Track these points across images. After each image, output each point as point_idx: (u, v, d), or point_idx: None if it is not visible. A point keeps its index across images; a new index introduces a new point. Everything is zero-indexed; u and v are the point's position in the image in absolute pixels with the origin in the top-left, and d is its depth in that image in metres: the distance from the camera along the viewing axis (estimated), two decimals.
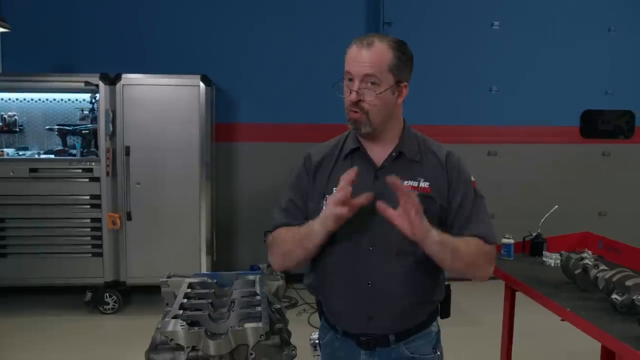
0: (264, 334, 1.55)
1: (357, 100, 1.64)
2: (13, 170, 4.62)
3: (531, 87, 5.71)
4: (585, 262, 2.42)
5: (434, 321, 1.81)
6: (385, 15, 5.56)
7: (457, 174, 1.72)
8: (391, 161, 1.72)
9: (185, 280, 2.02)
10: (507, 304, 2.87)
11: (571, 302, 2.25)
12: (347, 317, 1.74)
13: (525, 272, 2.69)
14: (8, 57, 5.26)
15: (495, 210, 5.67)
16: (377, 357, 1.73)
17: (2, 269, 4.67)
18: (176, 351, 1.56)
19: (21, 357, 3.97)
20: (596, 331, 1.99)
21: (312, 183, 1.77)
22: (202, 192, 4.84)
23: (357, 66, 1.63)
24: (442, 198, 1.69)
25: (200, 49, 5.43)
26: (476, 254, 1.66)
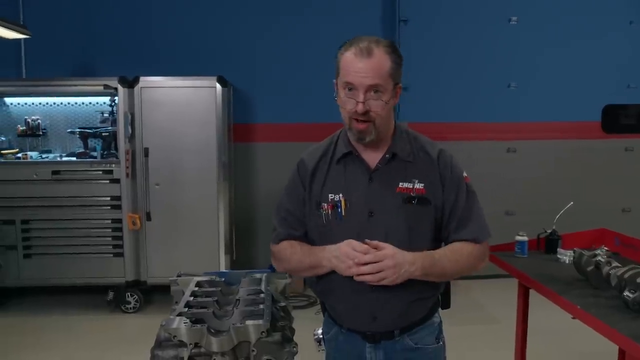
0: (265, 331, 1.56)
1: (364, 111, 1.62)
2: (36, 172, 4.73)
3: (550, 82, 5.63)
4: (598, 259, 2.39)
5: (435, 312, 1.85)
6: (401, 12, 5.55)
7: (450, 172, 1.73)
8: (385, 163, 1.73)
9: (194, 278, 2.05)
10: (521, 301, 2.85)
11: (582, 299, 2.23)
12: (352, 318, 1.78)
13: (539, 270, 2.67)
14: (30, 63, 5.38)
15: (514, 208, 5.68)
16: (382, 349, 1.77)
17: (26, 269, 4.80)
18: (179, 348, 1.58)
19: (45, 355, 4.06)
20: (606, 329, 1.97)
21: (309, 190, 1.78)
22: (220, 193, 4.89)
23: (361, 77, 1.60)
24: (436, 198, 1.71)
25: (217, 50, 5.48)
26: (465, 262, 1.73)
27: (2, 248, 4.75)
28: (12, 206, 4.75)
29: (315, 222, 1.77)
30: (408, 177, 1.70)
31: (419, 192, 1.69)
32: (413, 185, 1.69)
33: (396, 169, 1.72)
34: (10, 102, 5.23)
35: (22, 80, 5.23)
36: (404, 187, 1.69)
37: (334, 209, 1.72)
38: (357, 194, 1.71)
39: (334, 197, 1.72)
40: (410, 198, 1.69)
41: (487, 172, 5.63)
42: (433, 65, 5.59)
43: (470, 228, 1.72)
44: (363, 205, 1.70)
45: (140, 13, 5.47)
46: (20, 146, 5.16)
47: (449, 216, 1.73)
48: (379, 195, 1.70)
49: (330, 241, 1.71)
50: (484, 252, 1.77)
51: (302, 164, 1.82)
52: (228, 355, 1.58)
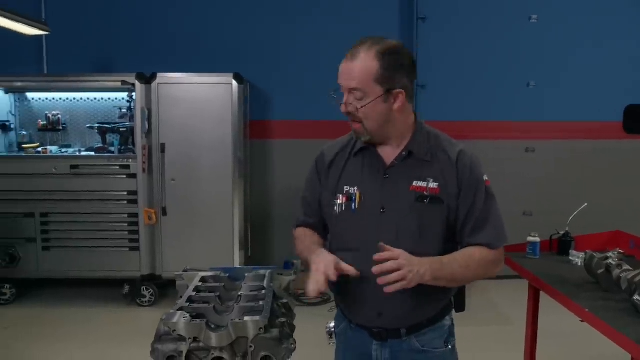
0: (262, 327, 1.57)
1: (347, 112, 1.69)
2: (55, 167, 4.81)
3: (571, 82, 5.52)
4: (609, 261, 2.35)
5: (447, 315, 1.82)
6: (419, 10, 5.50)
7: (469, 175, 1.71)
8: (400, 160, 1.73)
9: (199, 274, 2.06)
10: (531, 303, 2.82)
11: (591, 302, 2.20)
12: (358, 312, 1.80)
13: (549, 271, 2.63)
14: (52, 59, 5.47)
15: (532, 208, 5.60)
16: (389, 347, 1.77)
17: (45, 261, 4.88)
18: (178, 342, 1.60)
19: (62, 346, 4.14)
20: (613, 332, 1.94)
21: (325, 180, 1.84)
22: (235, 189, 4.92)
23: (343, 80, 1.67)
24: (450, 198, 1.69)
25: (234, 47, 5.50)
26: (477, 268, 1.70)
27: (22, 240, 4.85)
28: (32, 199, 4.83)
29: (330, 212, 1.80)
30: (423, 176, 1.70)
31: (432, 192, 1.68)
32: (427, 185, 1.69)
33: (412, 167, 1.72)
34: (32, 97, 5.33)
35: (43, 76, 5.32)
36: (417, 186, 1.69)
37: (349, 201, 1.75)
38: (372, 189, 1.73)
39: (350, 189, 1.76)
40: (423, 197, 1.68)
41: (504, 172, 5.55)
42: (451, 63, 5.55)
43: (486, 232, 1.70)
44: (376, 200, 1.72)
45: (158, 10, 5.52)
46: (41, 140, 5.25)
47: (464, 219, 1.71)
48: (393, 192, 1.71)
49: (342, 231, 1.78)
50: (498, 258, 1.74)
51: (321, 157, 1.88)
52: (226, 350, 1.59)
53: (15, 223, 4.83)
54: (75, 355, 4.00)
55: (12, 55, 5.39)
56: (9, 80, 5.03)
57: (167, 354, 1.61)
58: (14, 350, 4.03)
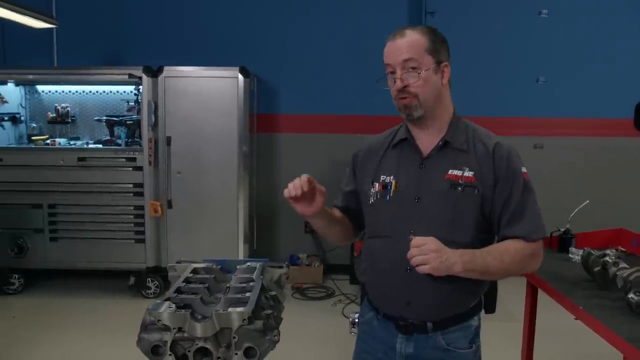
0: (246, 319, 1.58)
1: (403, 86, 1.68)
2: (63, 159, 4.87)
3: (581, 77, 5.45)
4: (606, 259, 2.32)
5: (475, 315, 1.80)
6: (428, 4, 5.46)
7: (506, 166, 1.69)
8: (437, 150, 1.74)
9: (191, 265, 2.08)
10: (529, 300, 2.80)
11: (586, 300, 2.18)
12: (387, 301, 1.80)
13: (547, 268, 2.59)
14: (61, 52, 5.53)
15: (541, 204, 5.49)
16: (414, 342, 1.76)
17: (53, 252, 4.95)
18: (163, 331, 1.61)
19: (69, 336, 4.19)
20: (605, 330, 1.92)
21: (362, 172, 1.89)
22: (240, 182, 4.94)
23: (394, 55, 1.69)
24: (485, 188, 1.68)
25: (242, 41, 5.52)
26: (512, 261, 1.66)
27: (30, 231, 4.91)
28: (40, 191, 4.89)
29: (366, 201, 1.83)
30: (459, 165, 1.70)
31: (467, 180, 1.68)
32: (462, 173, 1.69)
33: (448, 156, 1.73)
34: (42, 90, 5.39)
35: (53, 69, 5.37)
36: (453, 174, 1.69)
37: (384, 189, 1.77)
38: (408, 179, 1.74)
39: (386, 178, 1.78)
40: (457, 185, 1.68)
41: None
42: (459, 58, 5.44)
43: (522, 224, 1.67)
44: (412, 189, 1.73)
45: (166, 4, 5.56)
46: (50, 133, 5.31)
47: (501, 210, 1.69)
48: (428, 181, 1.72)
49: (376, 220, 1.80)
50: (536, 252, 1.71)
51: (358, 151, 1.94)
52: (210, 340, 1.60)
53: (23, 214, 4.90)
54: (81, 345, 4.05)
55: (23, 48, 5.47)
56: (20, 72, 5.09)
57: (153, 344, 1.63)
58: (21, 340, 4.08)
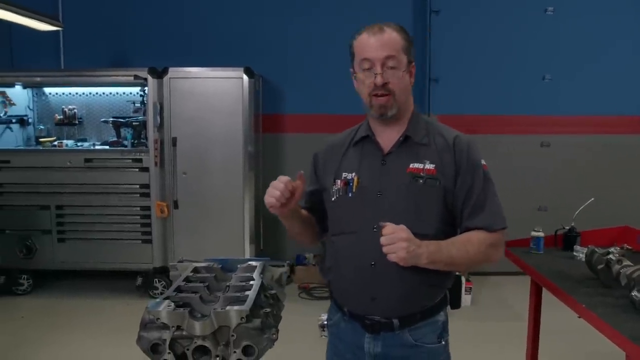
0: (244, 317, 1.58)
1: (383, 83, 1.68)
2: (70, 160, 4.90)
3: (587, 75, 5.41)
4: (610, 257, 2.30)
5: (441, 310, 1.80)
6: (433, 3, 5.45)
7: (466, 158, 1.71)
8: (398, 146, 1.75)
9: (192, 264, 2.09)
10: (533, 299, 2.78)
11: (589, 298, 2.16)
12: (352, 297, 1.79)
13: (551, 267, 2.59)
14: (68, 54, 5.56)
15: (546, 203, 5.51)
16: (381, 341, 1.76)
17: (60, 253, 4.98)
18: (162, 330, 1.62)
19: (75, 336, 4.22)
20: (607, 329, 1.90)
21: (323, 171, 1.89)
22: (246, 182, 4.95)
23: (377, 51, 1.68)
24: (447, 179, 1.70)
25: (246, 41, 5.52)
26: (476, 251, 1.68)
27: (38, 232, 4.95)
28: (48, 192, 4.93)
29: (328, 199, 1.84)
30: (420, 159, 1.71)
31: (429, 173, 1.69)
32: (424, 166, 1.70)
33: (409, 151, 1.74)
34: (49, 92, 5.43)
35: (60, 71, 5.41)
36: (414, 168, 1.70)
37: (346, 186, 1.78)
38: (369, 174, 1.76)
39: (347, 175, 1.78)
40: (419, 177, 1.69)
41: (519, 167, 5.51)
42: (465, 56, 5.49)
43: (483, 215, 1.70)
44: (374, 185, 1.74)
45: (171, 5, 5.57)
46: (58, 135, 5.35)
47: (462, 202, 1.71)
48: (390, 176, 1.73)
49: (339, 217, 1.81)
50: (498, 242, 1.73)
51: (319, 151, 1.95)
52: (209, 339, 1.61)
53: (31, 215, 4.94)
54: (88, 345, 4.08)
55: (30, 51, 5.51)
56: (28, 75, 5.12)
57: (152, 342, 1.64)
58: (29, 340, 4.11)
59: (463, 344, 4.21)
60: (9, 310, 4.70)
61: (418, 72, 5.42)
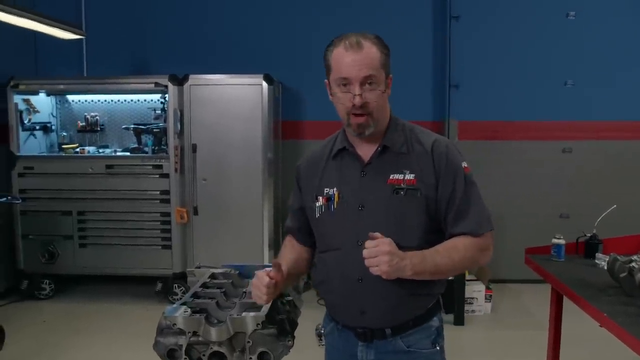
0: (260, 323, 1.59)
1: (363, 103, 1.63)
2: (92, 166, 4.97)
3: (609, 80, 5.32)
4: (632, 265, 2.26)
5: (434, 316, 1.78)
6: (452, 9, 5.42)
7: (445, 163, 1.67)
8: (377, 156, 1.72)
9: (210, 270, 2.10)
10: (553, 307, 2.74)
11: (611, 306, 2.12)
12: (342, 311, 1.78)
13: (572, 275, 2.55)
14: (91, 62, 5.65)
15: (568, 210, 5.43)
16: (374, 348, 1.74)
17: (82, 258, 5.04)
18: (179, 335, 1.63)
19: (96, 341, 4.27)
20: (630, 338, 1.86)
21: (306, 187, 1.84)
22: (265, 189, 4.96)
23: (355, 70, 1.62)
24: (428, 188, 1.67)
25: (266, 48, 5.55)
26: (462, 257, 1.66)
27: (60, 237, 5.02)
28: (70, 198, 5.00)
29: (312, 216, 1.80)
30: (399, 169, 1.68)
31: (409, 183, 1.66)
32: (404, 177, 1.67)
33: (389, 161, 1.70)
34: (72, 99, 5.51)
35: (83, 79, 5.49)
36: (394, 179, 1.67)
37: (328, 202, 1.74)
38: (350, 188, 1.72)
39: (329, 191, 1.75)
40: (399, 189, 1.66)
41: (541, 173, 5.45)
42: (485, 62, 5.45)
43: (468, 220, 1.66)
44: (355, 199, 1.71)
45: (191, 13, 5.63)
46: (80, 141, 5.41)
47: (446, 208, 1.68)
48: (371, 188, 1.70)
49: (324, 233, 1.78)
50: (484, 246, 1.69)
51: (299, 166, 1.91)
52: (225, 345, 1.62)
53: (54, 221, 5.01)
54: (107, 349, 4.12)
55: (54, 59, 5.60)
56: (52, 83, 5.22)
57: (168, 347, 1.65)
58: (50, 344, 4.17)
59: (483, 353, 4.18)
60: (31, 315, 4.77)
61: (438, 78, 5.49)
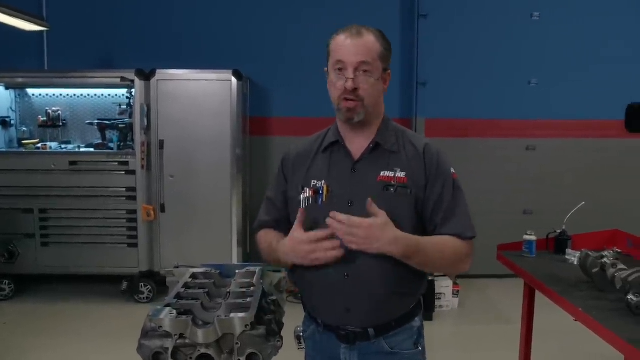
0: (249, 324, 1.56)
1: (354, 88, 1.65)
2: (54, 163, 4.83)
3: (572, 80, 5.48)
4: (604, 260, 2.33)
5: (416, 316, 1.78)
6: (420, 7, 5.48)
7: (436, 166, 1.70)
8: (368, 153, 1.73)
9: (190, 270, 2.06)
10: (526, 302, 2.80)
11: (585, 301, 2.19)
12: (325, 309, 1.77)
13: (544, 270, 2.62)
14: (52, 55, 5.47)
15: (532, 206, 5.57)
16: (357, 350, 1.74)
17: (44, 257, 4.89)
18: (164, 338, 1.59)
19: (60, 341, 4.15)
20: (605, 332, 1.92)
21: (292, 177, 1.82)
22: (234, 185, 4.92)
23: (351, 55, 1.65)
24: (418, 188, 1.67)
25: (235, 44, 5.49)
26: (450, 257, 1.68)
27: (21, 236, 4.86)
28: (31, 195, 4.84)
29: (295, 207, 1.76)
30: (390, 166, 1.69)
31: (400, 181, 1.67)
32: (395, 174, 1.67)
33: (380, 158, 1.71)
34: (32, 93, 5.33)
35: (44, 72, 5.32)
36: (385, 176, 1.68)
37: (316, 194, 1.73)
38: (340, 183, 1.72)
39: (317, 183, 1.74)
40: (390, 186, 1.67)
41: (506, 170, 5.56)
42: (452, 60, 5.53)
43: (455, 222, 1.68)
44: (344, 194, 1.70)
45: (159, 6, 5.52)
46: (41, 137, 5.25)
47: (432, 210, 1.69)
48: (361, 184, 1.69)
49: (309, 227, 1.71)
50: (469, 252, 1.71)
51: (287, 155, 1.87)
52: (212, 347, 1.58)
53: (14, 219, 4.85)
54: (73, 351, 4.01)
55: (13, 51, 5.39)
56: (10, 76, 5.03)
57: (154, 350, 1.60)
58: (13, 346, 4.03)
59: (453, 347, 4.25)
60: None
61: (406, 76, 5.53)
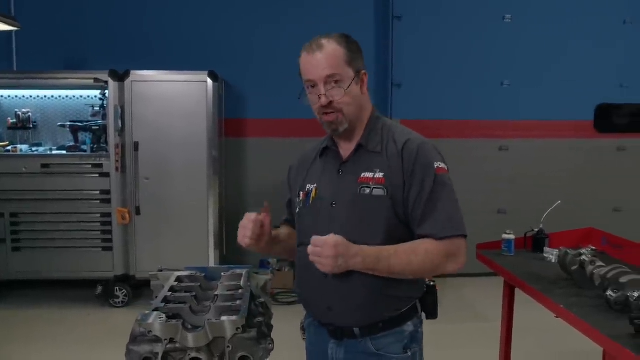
0: (240, 327, 1.55)
1: (328, 102, 1.66)
2: (25, 166, 4.72)
3: (544, 81, 5.60)
4: (583, 258, 2.39)
5: (408, 320, 1.74)
6: (395, 9, 5.52)
7: (414, 161, 1.65)
8: (353, 155, 1.75)
9: (175, 273, 2.04)
10: (506, 300, 2.85)
11: (565, 298, 2.23)
12: (312, 306, 1.83)
13: (524, 268, 2.67)
14: (21, 55, 5.35)
15: (506, 206, 5.67)
16: (344, 347, 1.76)
17: (16, 262, 4.78)
18: (154, 343, 1.57)
19: (34, 348, 4.05)
20: (586, 328, 1.96)
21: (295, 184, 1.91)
22: (210, 187, 4.88)
23: (318, 70, 1.66)
24: (395, 188, 1.65)
25: (209, 45, 5.45)
26: (422, 262, 1.61)
27: None
28: (2, 199, 4.72)
29: (295, 211, 1.87)
30: (372, 167, 1.69)
31: (377, 182, 1.66)
32: (374, 175, 1.68)
33: (363, 160, 1.73)
34: (1, 95, 5.19)
35: (13, 73, 5.20)
36: (364, 177, 1.69)
37: (306, 197, 1.79)
38: (327, 185, 1.76)
39: (310, 187, 1.80)
40: (367, 187, 1.68)
41: (478, 171, 5.64)
42: (427, 61, 5.58)
43: (431, 222, 1.62)
44: (329, 195, 1.74)
45: (132, 6, 5.44)
46: (11, 139, 5.12)
47: (412, 209, 1.65)
48: (343, 186, 1.72)
49: (301, 227, 1.83)
50: (451, 251, 1.63)
51: (292, 164, 1.97)
52: (203, 351, 1.57)
53: None
54: (47, 357, 3.92)
55: None
56: None
57: (143, 356, 1.58)
58: None
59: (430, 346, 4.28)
60: None
61: (381, 77, 5.57)
